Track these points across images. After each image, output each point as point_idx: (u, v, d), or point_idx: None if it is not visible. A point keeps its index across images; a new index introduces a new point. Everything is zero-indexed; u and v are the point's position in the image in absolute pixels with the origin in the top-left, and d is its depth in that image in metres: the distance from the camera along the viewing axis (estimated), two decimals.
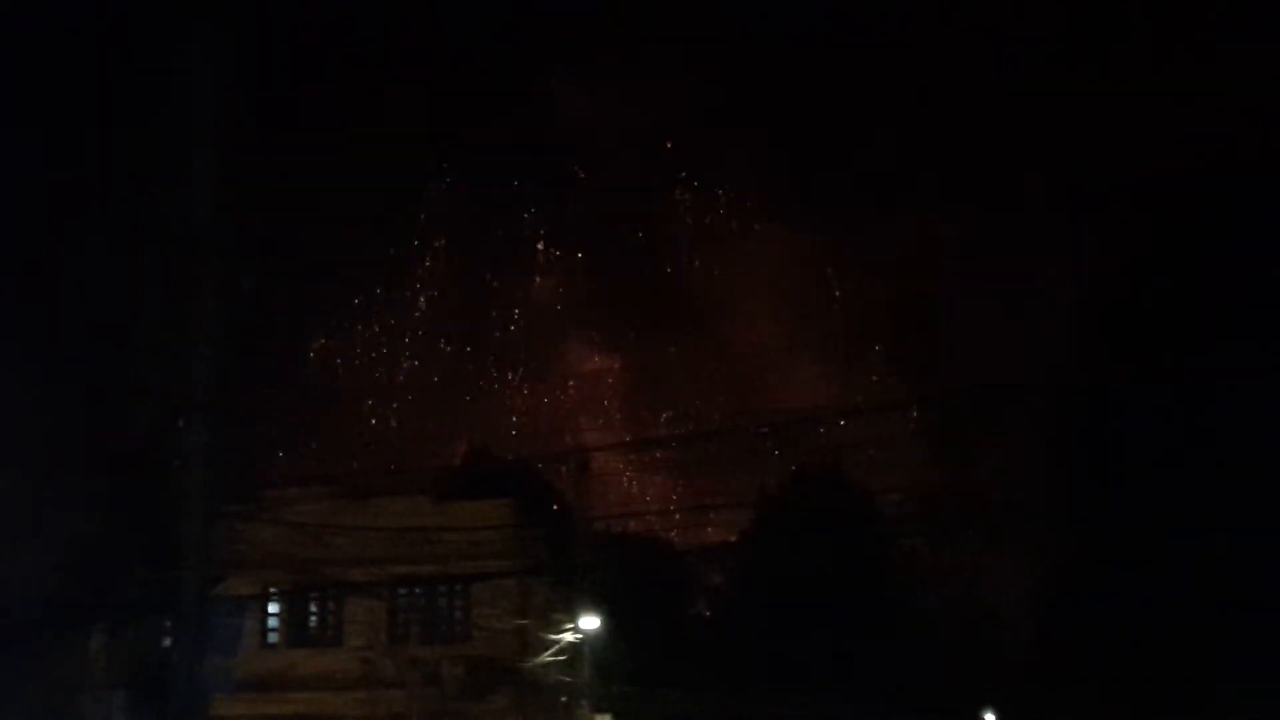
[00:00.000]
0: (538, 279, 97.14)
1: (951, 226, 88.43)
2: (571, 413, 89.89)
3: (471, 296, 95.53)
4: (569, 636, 35.17)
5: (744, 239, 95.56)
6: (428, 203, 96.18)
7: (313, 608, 35.32)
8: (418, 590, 34.39)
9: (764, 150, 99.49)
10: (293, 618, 35.18)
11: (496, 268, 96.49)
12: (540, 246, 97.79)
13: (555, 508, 42.32)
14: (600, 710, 38.59)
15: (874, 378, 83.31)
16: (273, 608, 35.02)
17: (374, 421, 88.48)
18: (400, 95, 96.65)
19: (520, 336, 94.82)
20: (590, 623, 35.12)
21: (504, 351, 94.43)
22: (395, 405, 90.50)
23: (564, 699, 36.47)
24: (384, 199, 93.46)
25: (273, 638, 35.18)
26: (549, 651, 34.70)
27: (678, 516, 58.52)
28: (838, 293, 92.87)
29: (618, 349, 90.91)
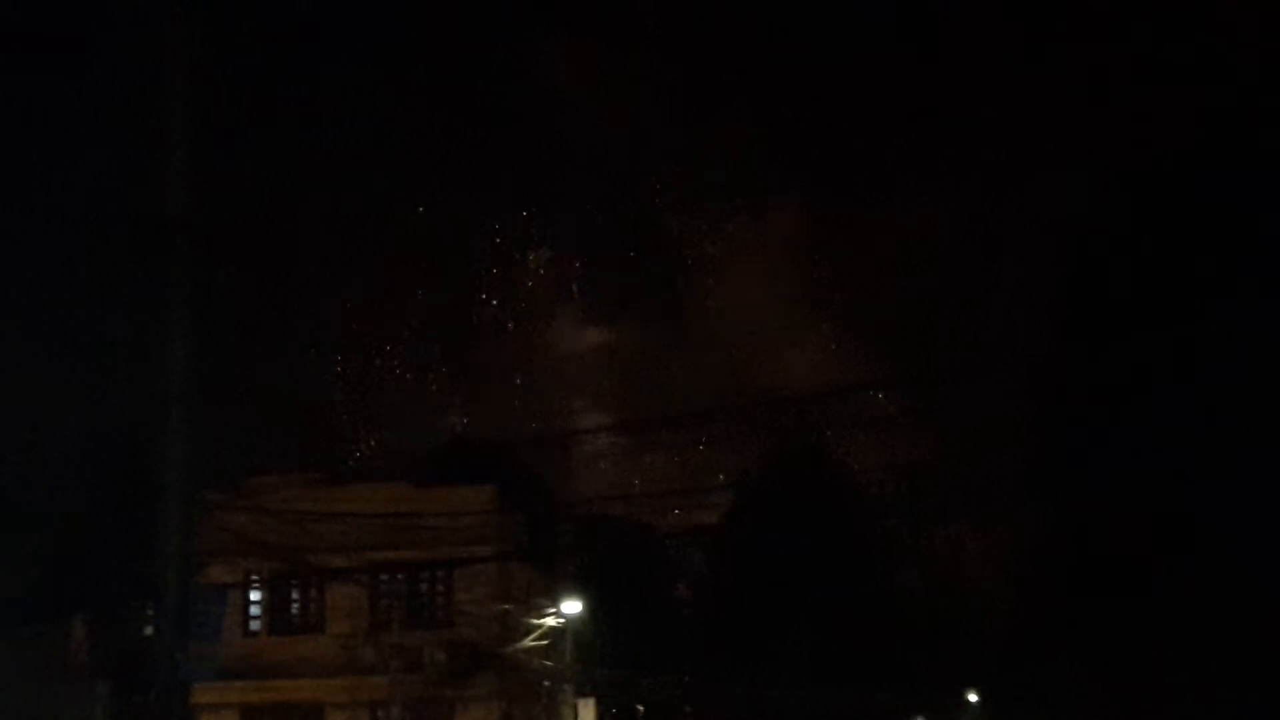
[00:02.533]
0: (530, 257, 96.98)
1: (937, 206, 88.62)
2: (557, 396, 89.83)
3: (456, 279, 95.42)
4: (551, 621, 35.23)
5: (734, 219, 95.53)
6: (412, 188, 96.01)
7: (294, 595, 35.32)
8: (399, 576, 34.39)
9: (755, 130, 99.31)
10: (275, 605, 35.18)
11: (484, 249, 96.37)
12: (530, 228, 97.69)
13: (537, 492, 42.33)
14: (583, 694, 38.69)
15: (863, 359, 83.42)
16: (254, 595, 35.01)
17: (357, 401, 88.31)
18: (388, 69, 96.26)
19: (507, 320, 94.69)
20: (572, 607, 35.19)
21: (489, 335, 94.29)
22: (377, 390, 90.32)
23: (546, 683, 36.56)
24: (369, 183, 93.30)
25: (255, 625, 35.17)
26: (531, 636, 34.76)
27: (662, 499, 58.43)
28: (828, 273, 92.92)
29: (607, 331, 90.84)
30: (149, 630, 29.20)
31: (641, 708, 45.26)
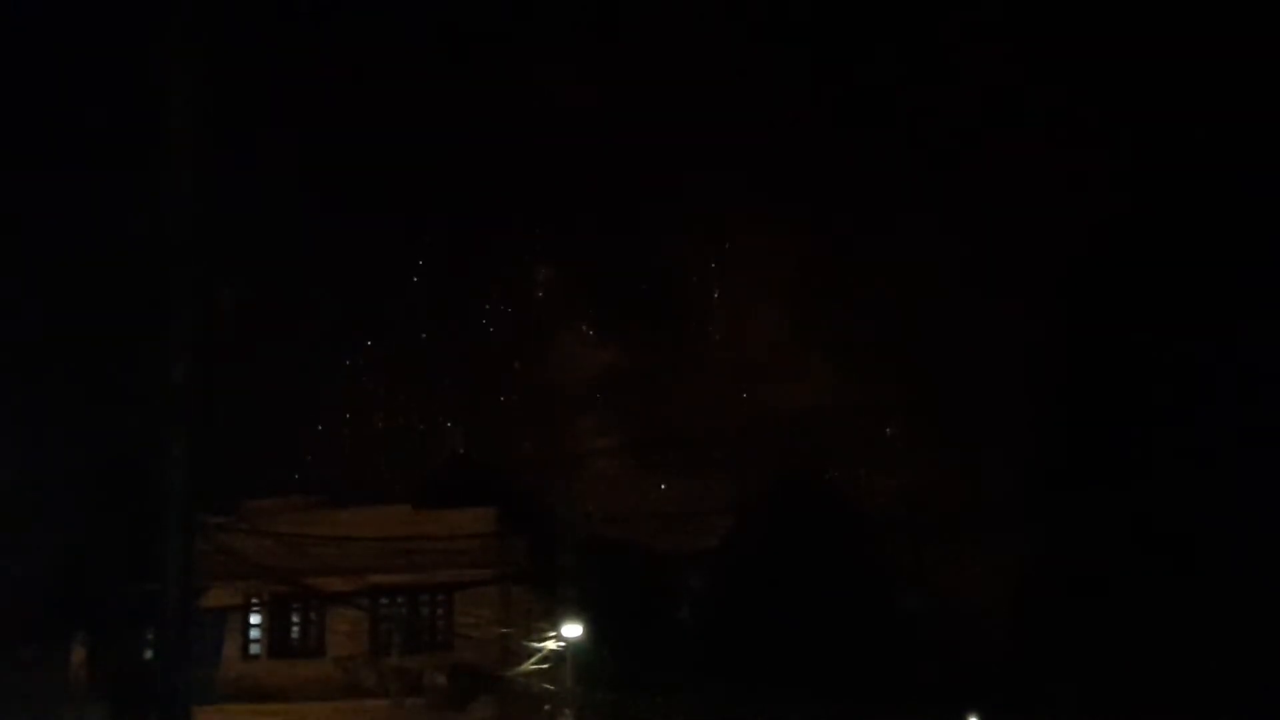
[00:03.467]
0: (536, 274, 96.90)
1: (937, 225, 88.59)
2: (559, 417, 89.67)
3: (455, 299, 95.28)
4: (552, 644, 35.12)
5: (737, 238, 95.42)
6: (413, 202, 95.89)
7: (294, 618, 35.25)
8: (399, 599, 34.35)
9: (759, 147, 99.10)
10: (275, 628, 35.10)
11: (484, 268, 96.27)
12: (534, 243, 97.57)
13: (537, 514, 42.25)
14: (583, 718, 38.54)
15: (863, 382, 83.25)
16: (255, 618, 34.94)
17: (357, 425, 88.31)
18: (389, 83, 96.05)
19: (508, 339, 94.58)
20: (573, 630, 35.07)
21: (490, 355, 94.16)
22: (377, 411, 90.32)
23: (547, 707, 36.44)
24: (367, 198, 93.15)
25: (255, 649, 35.10)
26: (532, 659, 34.66)
27: (664, 521, 58.41)
28: (829, 292, 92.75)
29: (610, 351, 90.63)
30: (149, 654, 29.14)
31: None
